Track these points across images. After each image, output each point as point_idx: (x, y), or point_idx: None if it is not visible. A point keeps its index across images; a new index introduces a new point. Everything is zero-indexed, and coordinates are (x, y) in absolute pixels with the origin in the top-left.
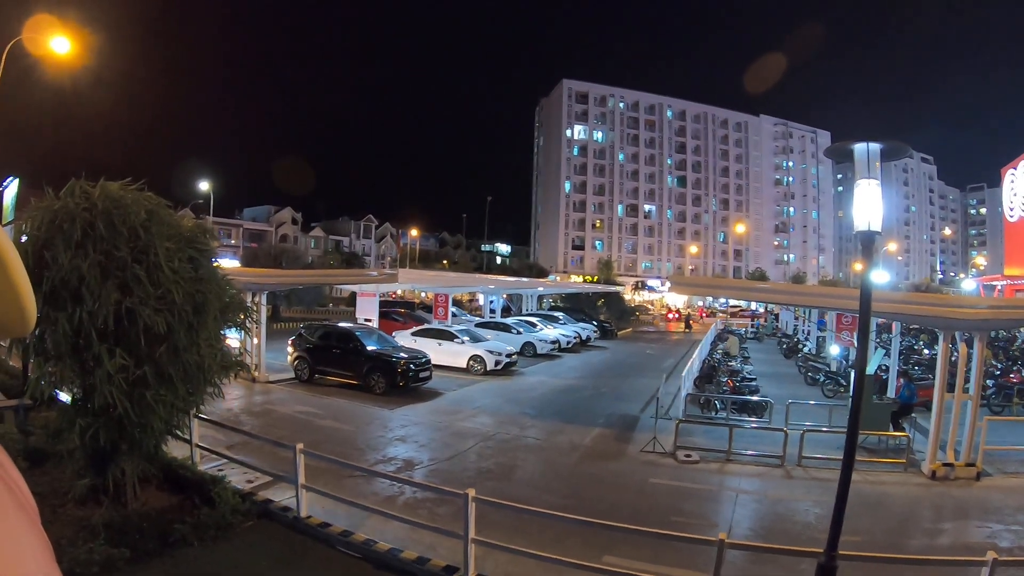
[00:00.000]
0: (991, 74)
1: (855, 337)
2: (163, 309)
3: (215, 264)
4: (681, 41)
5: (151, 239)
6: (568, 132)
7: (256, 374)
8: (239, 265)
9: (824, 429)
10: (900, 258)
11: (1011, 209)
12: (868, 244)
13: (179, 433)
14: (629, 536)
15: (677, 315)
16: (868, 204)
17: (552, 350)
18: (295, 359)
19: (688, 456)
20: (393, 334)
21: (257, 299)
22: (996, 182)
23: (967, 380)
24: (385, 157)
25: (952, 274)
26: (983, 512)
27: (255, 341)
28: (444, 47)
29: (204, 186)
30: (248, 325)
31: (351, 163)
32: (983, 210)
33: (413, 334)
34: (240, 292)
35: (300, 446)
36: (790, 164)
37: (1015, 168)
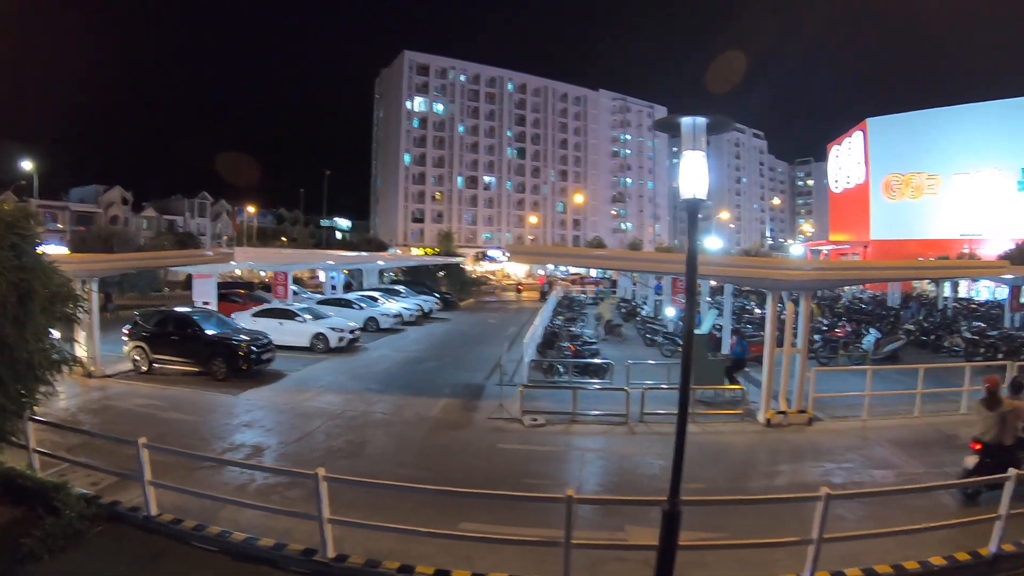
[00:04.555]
0: (821, 57)
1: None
2: None
3: (39, 251)
4: (525, 15)
5: None
6: (408, 104)
7: (91, 368)
8: (67, 251)
9: (664, 386)
10: (732, 225)
11: (836, 181)
12: (693, 211)
13: (14, 439)
14: (482, 501)
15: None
16: (694, 174)
17: (395, 324)
18: (132, 349)
19: (534, 420)
20: (233, 316)
21: (88, 287)
22: (823, 157)
23: (795, 335)
24: (218, 130)
25: (781, 240)
26: (816, 453)
27: (87, 333)
28: (280, 15)
29: (26, 166)
30: (78, 316)
31: (182, 138)
32: (810, 182)
33: (253, 315)
34: (69, 280)
35: (143, 441)
36: (627, 137)
37: (839, 145)
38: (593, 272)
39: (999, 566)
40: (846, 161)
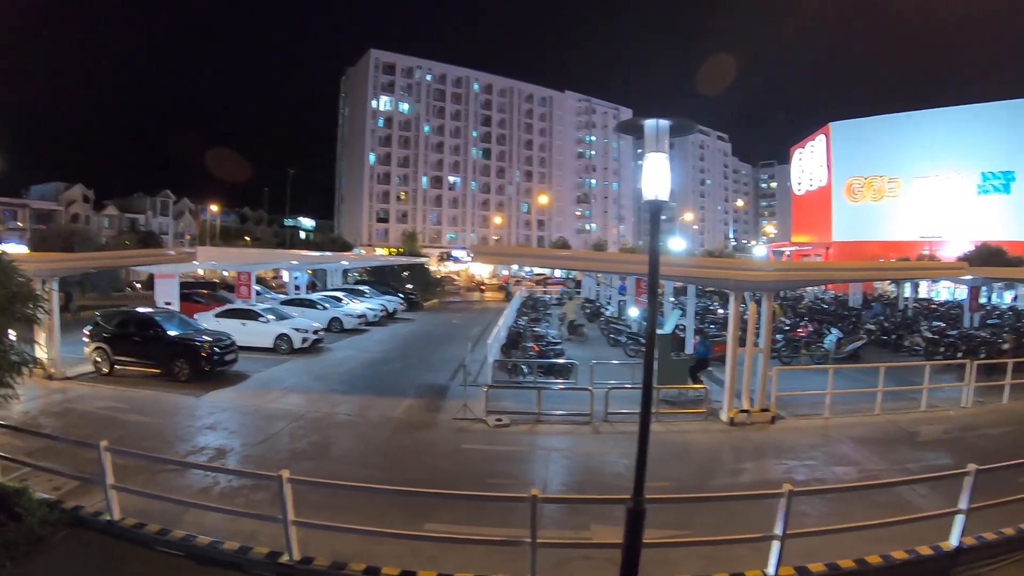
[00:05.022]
0: (786, 61)
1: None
2: None
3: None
4: (492, 15)
5: None
6: (374, 103)
7: (52, 370)
8: (27, 250)
9: (628, 386)
10: (696, 227)
11: (799, 184)
12: (656, 212)
13: None
14: (447, 501)
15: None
16: (656, 175)
17: (359, 324)
18: (93, 350)
19: (499, 420)
20: (195, 317)
21: (48, 287)
22: (786, 160)
23: (758, 335)
24: (181, 128)
25: (744, 241)
26: (779, 451)
27: (47, 334)
28: (246, 11)
29: None
30: (38, 316)
31: (146, 136)
32: (773, 184)
33: (216, 315)
34: (29, 280)
35: (104, 444)
36: (592, 138)
37: (803, 148)
38: (558, 273)
39: (960, 559)
40: (809, 164)
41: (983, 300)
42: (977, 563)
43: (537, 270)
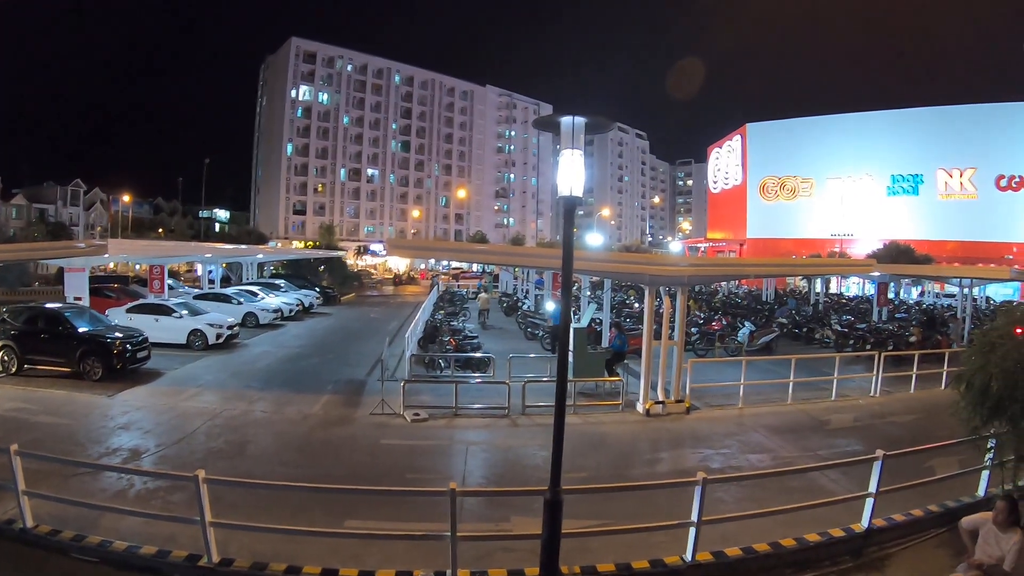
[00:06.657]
0: (706, 64)
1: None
2: None
3: None
4: (416, 7)
5: None
6: (293, 93)
7: None
8: None
9: (545, 379)
10: (614, 222)
11: (715, 182)
12: (570, 208)
13: None
14: (367, 498)
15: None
16: (571, 172)
17: (275, 319)
18: None
19: (417, 415)
20: (107, 312)
21: None
22: (703, 158)
23: (673, 329)
24: (93, 113)
25: (661, 237)
26: (694, 441)
27: None
28: None
29: None
30: None
31: (55, 121)
32: (690, 182)
33: (128, 311)
34: None
35: (15, 447)
36: (512, 133)
37: (720, 147)
38: (475, 267)
39: (872, 540)
40: (725, 163)
41: (891, 295)
42: (888, 543)
43: (455, 264)
